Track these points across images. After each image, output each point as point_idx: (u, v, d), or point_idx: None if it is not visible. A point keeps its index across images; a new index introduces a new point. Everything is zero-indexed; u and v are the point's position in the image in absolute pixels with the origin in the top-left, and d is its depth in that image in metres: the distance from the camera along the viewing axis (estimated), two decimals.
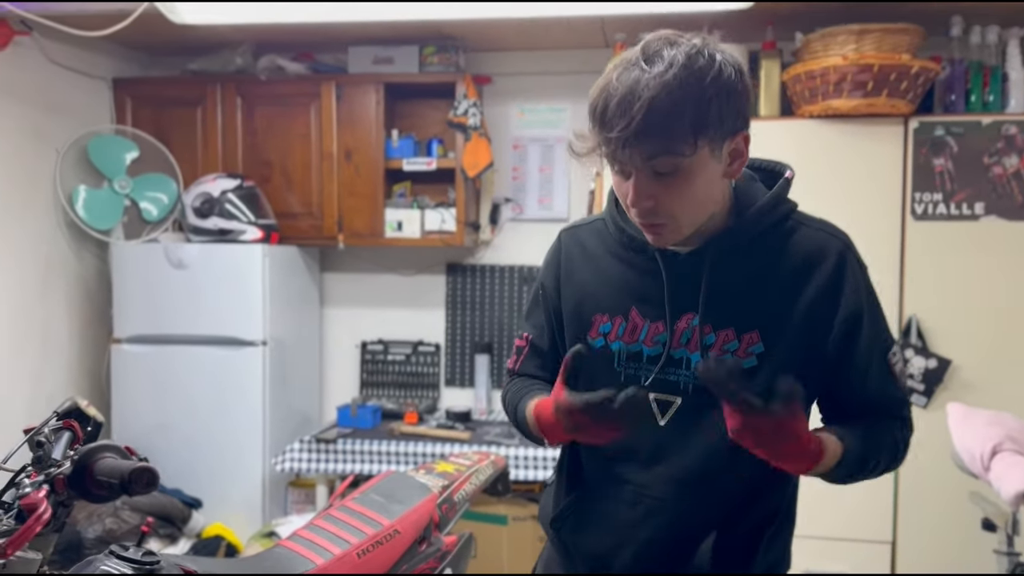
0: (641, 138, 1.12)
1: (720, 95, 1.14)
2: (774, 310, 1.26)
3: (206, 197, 3.42)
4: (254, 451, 3.38)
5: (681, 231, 1.23)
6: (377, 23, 3.27)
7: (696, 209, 1.21)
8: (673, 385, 1.31)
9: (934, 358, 2.91)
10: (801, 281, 1.26)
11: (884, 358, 1.30)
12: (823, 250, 1.27)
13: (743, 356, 1.26)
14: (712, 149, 1.16)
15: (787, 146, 3.00)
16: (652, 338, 1.31)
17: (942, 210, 2.93)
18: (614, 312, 1.35)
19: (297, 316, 3.73)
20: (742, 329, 1.26)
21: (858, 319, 1.27)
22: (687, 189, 1.17)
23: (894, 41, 2.79)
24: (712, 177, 1.19)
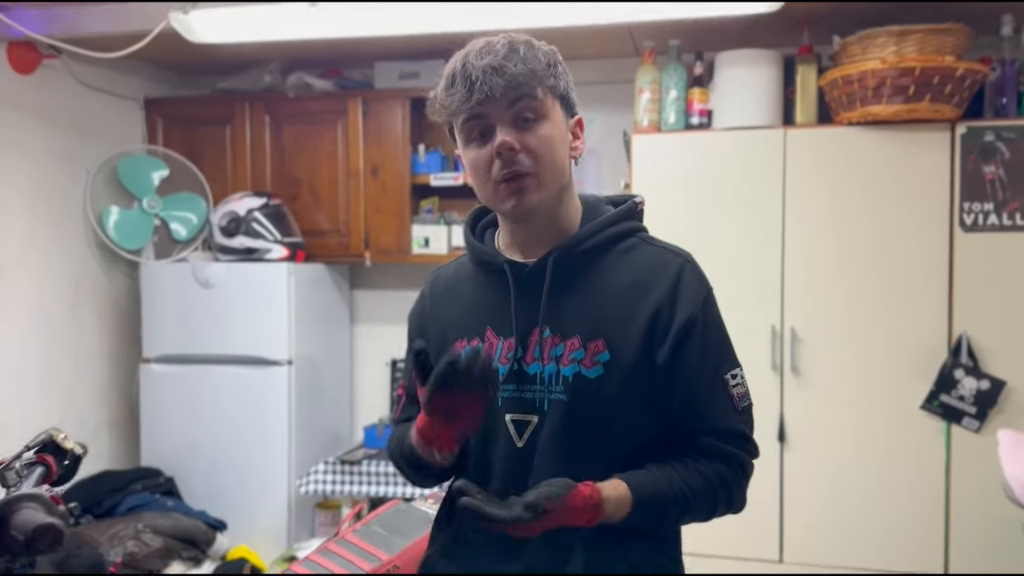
0: (505, 74, 1.18)
1: (561, 67, 1.26)
2: (617, 319, 1.25)
3: (232, 216, 3.40)
4: (280, 472, 3.34)
5: (542, 187, 1.24)
6: (402, 38, 3.21)
7: (553, 161, 1.24)
8: (529, 403, 1.28)
9: (987, 379, 2.72)
10: (642, 292, 1.26)
11: (718, 376, 1.26)
12: (664, 264, 1.28)
13: (589, 365, 1.24)
14: (565, 111, 1.27)
15: (825, 155, 2.86)
16: (506, 355, 1.29)
17: (993, 221, 2.74)
18: (471, 335, 1.33)
19: (326, 334, 3.69)
20: (587, 337, 1.25)
21: (690, 329, 1.24)
22: (547, 134, 1.23)
23: (938, 42, 2.62)
24: (564, 138, 1.27)
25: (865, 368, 2.82)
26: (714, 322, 1.28)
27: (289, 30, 2.79)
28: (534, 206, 1.24)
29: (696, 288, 1.27)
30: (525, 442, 1.27)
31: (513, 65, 1.18)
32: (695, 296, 1.26)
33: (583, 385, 1.23)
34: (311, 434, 3.51)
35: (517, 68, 1.18)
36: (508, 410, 1.28)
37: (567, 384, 1.24)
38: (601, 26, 2.97)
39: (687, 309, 1.24)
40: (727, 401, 1.25)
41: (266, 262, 3.38)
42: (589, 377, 1.23)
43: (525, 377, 1.27)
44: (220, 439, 3.38)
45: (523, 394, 1.28)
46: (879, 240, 2.82)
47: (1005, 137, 2.73)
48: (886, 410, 2.81)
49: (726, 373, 1.26)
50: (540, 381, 1.26)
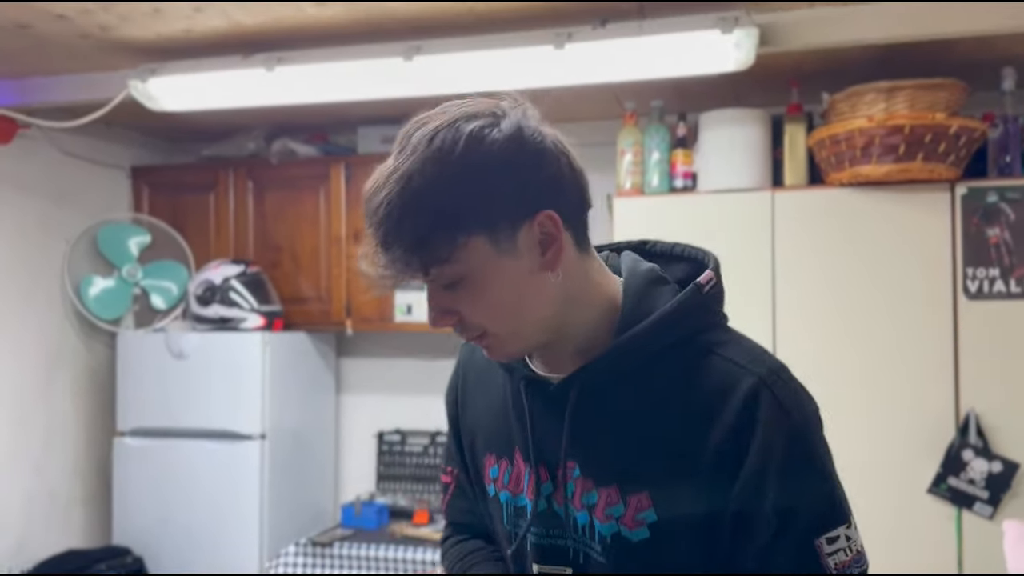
0: (399, 253, 0.89)
1: (476, 175, 0.89)
2: (666, 466, 0.95)
3: (208, 285, 3.32)
4: (250, 552, 3.18)
5: (510, 343, 0.97)
6: (385, 102, 3.14)
7: (509, 316, 0.95)
8: (562, 553, 1.02)
9: (998, 460, 2.49)
10: (702, 423, 0.93)
11: (808, 540, 0.91)
12: (735, 382, 0.93)
13: (631, 526, 0.96)
14: (495, 243, 0.91)
15: (816, 218, 2.69)
16: (533, 488, 1.03)
17: (1000, 287, 2.54)
18: (499, 453, 1.09)
19: (307, 405, 3.56)
20: (628, 489, 0.96)
21: (761, 476, 0.91)
22: (483, 298, 0.93)
23: (930, 99, 2.46)
24: (515, 277, 0.93)
25: (865, 448, 2.60)
26: (801, 468, 0.93)
27: (253, 96, 2.72)
28: (511, 357, 1.01)
29: (773, 421, 0.92)
30: None
31: (398, 245, 0.89)
32: (772, 433, 0.91)
33: (626, 550, 0.97)
34: (288, 511, 3.35)
35: (401, 249, 0.89)
36: (537, 559, 1.04)
37: (605, 545, 0.98)
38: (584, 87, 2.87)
39: (758, 453, 0.91)
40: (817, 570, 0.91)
41: (240, 331, 3.28)
42: (632, 541, 0.96)
43: (555, 519, 1.02)
44: (191, 517, 3.24)
45: (555, 540, 1.03)
46: (877, 309, 2.62)
47: (1009, 198, 2.54)
48: (890, 494, 2.57)
49: (818, 537, 0.91)
50: (575, 529, 1.01)
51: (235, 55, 2.65)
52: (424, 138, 0.90)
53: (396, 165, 0.90)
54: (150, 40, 2.59)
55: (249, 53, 2.65)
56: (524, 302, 0.95)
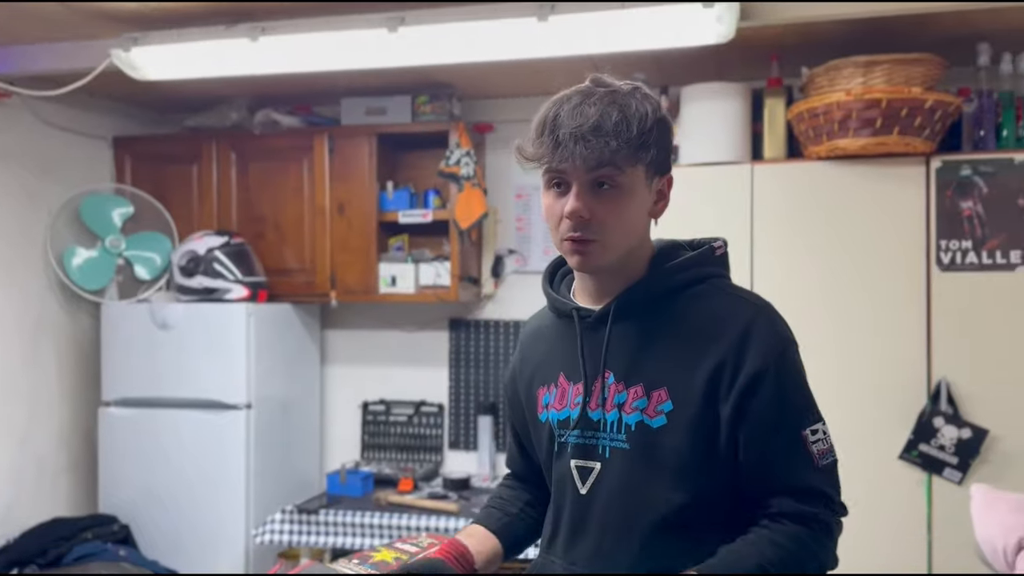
0: (590, 143, 1.15)
1: (659, 127, 1.22)
2: (682, 368, 1.22)
3: (192, 255, 3.33)
4: (237, 520, 3.22)
5: (607, 252, 1.23)
6: (369, 72, 3.15)
7: (624, 231, 1.23)
8: (592, 450, 1.28)
9: (968, 427, 2.56)
10: (709, 341, 1.22)
11: (795, 432, 1.19)
12: (735, 313, 1.24)
13: (652, 415, 1.23)
14: (647, 175, 1.22)
15: (794, 191, 2.73)
16: (574, 400, 1.30)
17: (972, 259, 2.60)
18: (547, 381, 1.36)
19: (293, 376, 3.58)
20: (651, 386, 1.23)
21: (757, 384, 1.18)
22: (621, 206, 1.20)
23: (906, 73, 2.50)
24: (642, 204, 1.24)
25: (839, 415, 2.65)
26: (790, 376, 1.21)
27: (238, 66, 2.72)
28: (596, 267, 1.25)
29: (765, 341, 1.20)
30: (588, 488, 1.28)
31: (600, 136, 1.16)
32: (766, 349, 1.20)
33: (645, 434, 1.22)
34: (274, 480, 3.39)
35: (603, 141, 1.16)
36: (574, 456, 1.29)
37: (629, 433, 1.23)
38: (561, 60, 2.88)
39: (755, 363, 1.19)
40: (806, 459, 1.19)
41: (225, 302, 3.29)
42: (652, 427, 1.22)
43: (589, 423, 1.27)
44: (178, 486, 3.27)
45: (587, 440, 1.28)
46: (853, 280, 2.68)
47: (983, 171, 2.59)
48: (863, 460, 2.64)
49: (805, 428, 1.20)
50: (603, 427, 1.26)
51: (219, 24, 2.65)
52: (628, 85, 1.22)
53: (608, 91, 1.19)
54: (133, 9, 2.58)
55: (233, 23, 2.64)
56: (635, 225, 1.25)
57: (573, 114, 1.17)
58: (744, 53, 2.86)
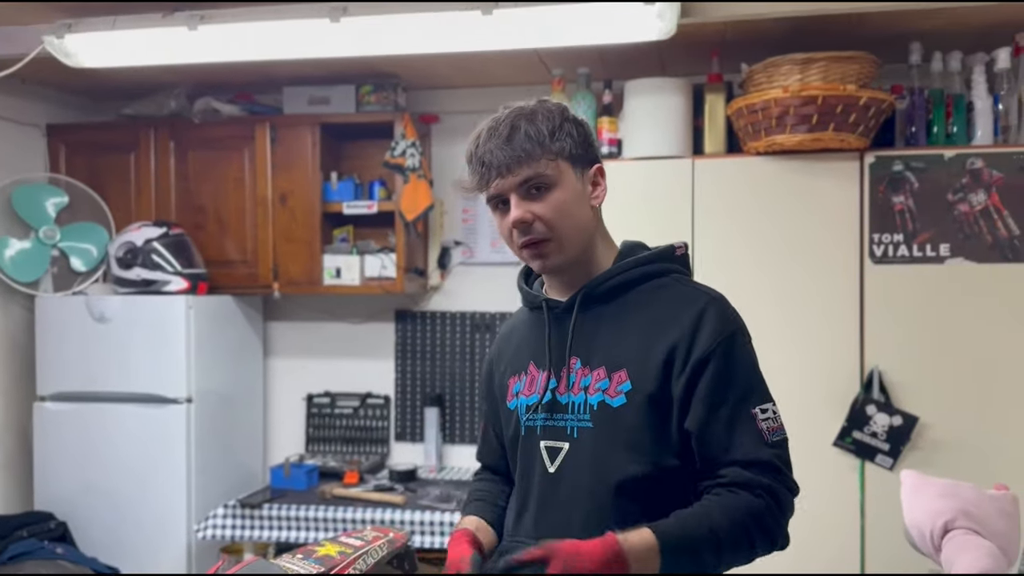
0: (507, 154, 1.29)
1: (569, 123, 1.35)
2: (640, 351, 1.32)
3: (129, 247, 3.26)
4: (178, 516, 3.18)
5: (562, 248, 1.34)
6: (312, 62, 3.11)
7: (569, 224, 1.33)
8: (560, 431, 1.37)
9: (899, 415, 2.65)
10: (665, 326, 1.32)
11: (743, 409, 1.28)
12: (689, 302, 1.34)
13: (613, 395, 1.32)
14: (573, 168, 1.34)
15: (734, 185, 2.78)
16: (543, 385, 1.40)
17: (904, 252, 2.68)
18: (518, 370, 1.47)
19: (235, 369, 3.54)
20: (612, 368, 1.33)
21: (704, 365, 1.29)
22: (558, 202, 1.31)
23: (842, 71, 2.57)
24: (578, 197, 1.35)
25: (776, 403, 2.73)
26: (737, 359, 1.31)
27: (176, 54, 2.66)
28: (557, 265, 1.36)
29: (715, 326, 1.30)
30: (556, 467, 1.37)
31: (516, 144, 1.29)
32: (714, 334, 1.30)
33: (607, 413, 1.32)
34: (216, 475, 3.35)
35: (520, 147, 1.29)
36: (543, 437, 1.39)
37: (593, 412, 1.33)
38: (507, 53, 2.89)
39: (703, 345, 1.29)
40: (755, 434, 1.27)
41: (164, 295, 3.24)
42: (612, 406, 1.32)
43: (558, 406, 1.37)
44: (116, 481, 3.21)
45: (556, 423, 1.38)
46: (790, 272, 2.74)
47: (914, 167, 2.67)
48: (798, 446, 2.68)
49: (754, 407, 1.29)
50: (572, 410, 1.36)
51: (156, 12, 2.59)
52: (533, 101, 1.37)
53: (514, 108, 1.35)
54: None
55: (171, 10, 2.59)
56: (580, 217, 1.35)
57: (488, 138, 1.32)
58: (686, 49, 2.90)
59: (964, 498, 2.03)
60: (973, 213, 2.64)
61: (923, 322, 2.66)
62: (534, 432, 1.40)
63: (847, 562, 2.69)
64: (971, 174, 2.64)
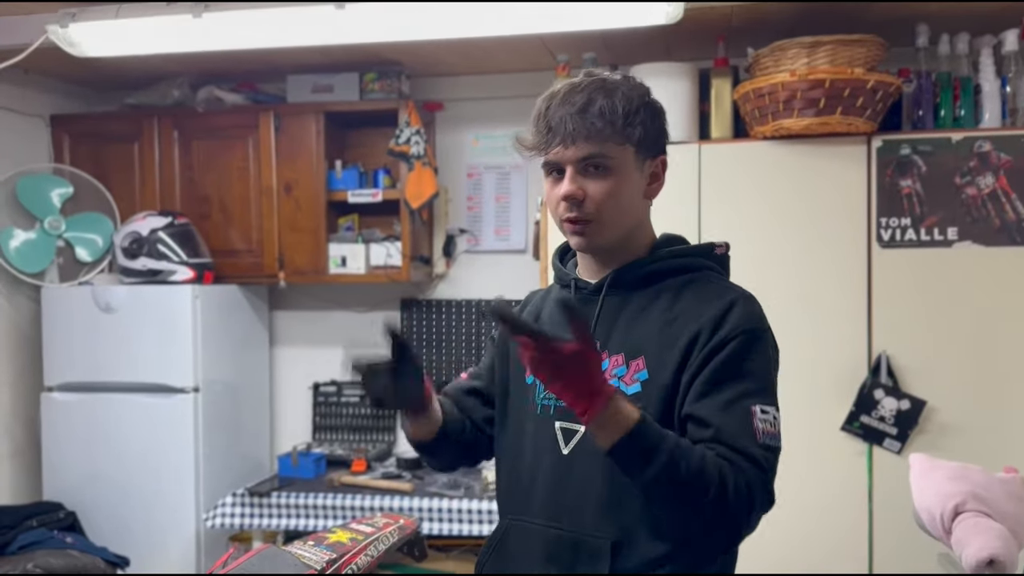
0: (579, 128, 1.24)
1: (648, 110, 1.31)
2: (662, 341, 1.29)
3: (135, 237, 3.26)
4: (187, 505, 3.19)
5: (603, 231, 1.31)
6: (316, 49, 3.10)
7: (618, 210, 1.30)
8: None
9: (907, 399, 2.64)
10: (690, 319, 1.29)
11: (742, 401, 1.22)
12: (720, 295, 1.31)
13: (629, 382, 1.30)
14: (636, 156, 1.30)
15: (740, 170, 2.77)
16: None
17: (911, 236, 2.67)
18: None
19: (241, 358, 3.54)
20: (631, 355, 1.31)
21: (718, 350, 1.25)
22: (613, 187, 1.28)
23: (849, 54, 2.55)
24: (635, 186, 1.31)
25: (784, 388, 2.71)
26: (753, 355, 1.26)
27: (180, 42, 2.66)
28: (594, 246, 1.34)
29: (739, 321, 1.26)
30: (571, 449, 1.33)
31: (588, 119, 1.25)
32: (736, 327, 1.25)
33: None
34: (224, 464, 3.36)
35: (591, 123, 1.25)
36: (558, 418, 1.35)
37: None
38: (512, 38, 2.88)
39: (722, 334, 1.25)
40: (748, 429, 1.20)
41: (170, 284, 3.24)
42: (627, 393, 1.26)
43: None
44: (125, 471, 3.22)
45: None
46: (797, 257, 2.74)
47: (921, 150, 2.66)
48: (806, 431, 2.71)
49: (753, 404, 1.22)
50: None
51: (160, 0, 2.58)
52: (618, 75, 1.32)
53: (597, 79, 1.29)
54: None
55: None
56: (629, 206, 1.32)
57: (562, 102, 1.26)
58: (692, 34, 2.89)
59: (974, 481, 2.04)
60: (981, 196, 2.63)
61: (931, 306, 2.65)
62: (549, 411, 1.37)
63: (855, 546, 2.69)
64: (979, 157, 2.63)
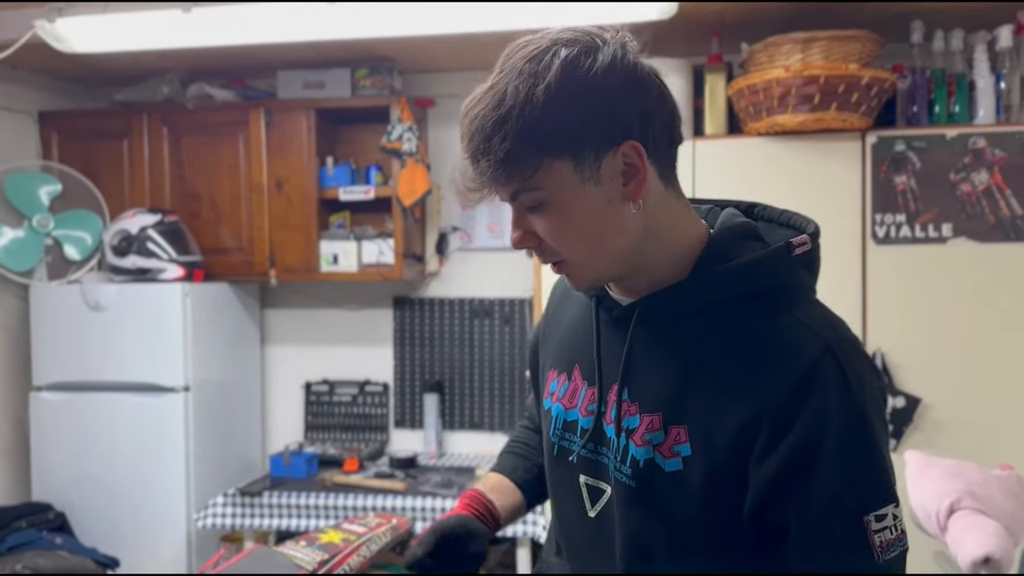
0: (486, 166, 0.93)
1: (567, 102, 0.92)
2: (711, 405, 0.95)
3: (124, 235, 3.22)
4: (177, 505, 3.16)
5: (588, 272, 1.00)
6: (306, 45, 3.07)
7: (589, 245, 0.97)
8: (604, 470, 1.06)
9: (902, 396, 2.64)
10: (753, 377, 0.93)
11: (854, 519, 0.90)
12: (794, 347, 0.93)
13: (667, 455, 0.97)
14: (579, 169, 0.93)
15: (735, 166, 2.76)
16: (587, 407, 1.09)
17: (906, 233, 2.66)
18: (561, 368, 1.16)
19: (232, 357, 3.51)
20: (671, 419, 0.97)
21: (809, 455, 0.90)
22: (563, 223, 0.96)
23: (844, 50, 2.54)
24: (596, 205, 0.95)
25: None
26: (856, 446, 0.91)
27: (169, 38, 2.63)
28: (590, 286, 1.05)
29: (832, 395, 0.90)
30: (598, 513, 1.07)
31: (485, 152, 0.92)
32: (828, 408, 0.90)
33: (656, 477, 0.98)
34: (215, 463, 3.33)
35: (489, 158, 0.92)
36: (583, 470, 1.09)
37: (637, 469, 0.99)
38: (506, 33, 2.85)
39: (809, 427, 0.90)
40: (863, 551, 0.90)
41: (160, 282, 3.21)
42: (664, 469, 0.97)
43: (602, 438, 1.05)
44: (114, 471, 3.19)
45: (599, 458, 1.06)
46: None
47: (916, 147, 2.65)
48: None
49: (867, 514, 0.90)
50: (615, 449, 1.03)
51: None
52: (522, 59, 0.94)
53: (492, 83, 0.95)
54: None
55: None
56: (603, 231, 0.97)
57: (466, 142, 0.96)
58: (685, 30, 2.87)
59: (969, 478, 2.03)
60: (975, 193, 2.63)
61: (926, 303, 2.65)
62: (567, 456, 1.10)
63: None
64: (973, 154, 2.62)
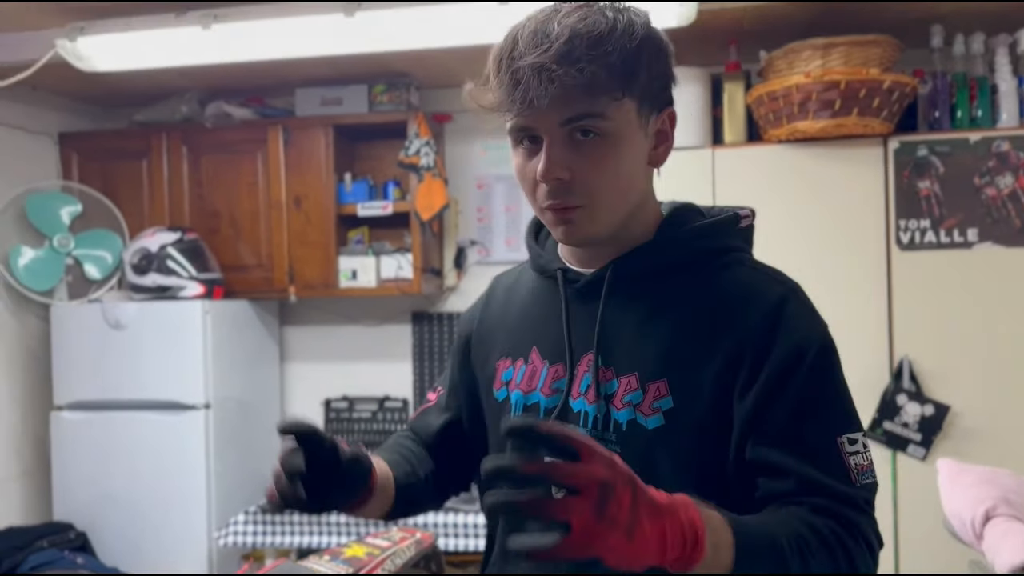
0: (558, 79, 0.89)
1: (650, 46, 0.95)
2: (688, 357, 0.97)
3: (144, 253, 3.23)
4: (198, 523, 3.15)
5: (599, 220, 0.99)
6: (323, 61, 3.09)
7: (618, 191, 0.98)
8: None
9: (930, 404, 2.60)
10: (725, 325, 0.97)
11: (829, 438, 0.93)
12: (760, 292, 0.99)
13: (648, 412, 0.98)
14: (640, 115, 0.96)
15: (755, 174, 2.74)
16: (551, 384, 1.06)
17: (931, 238, 2.63)
18: (516, 355, 1.11)
19: (252, 374, 3.51)
20: (648, 377, 0.98)
21: (785, 379, 0.94)
22: (609, 159, 0.95)
23: (864, 55, 2.53)
24: (637, 154, 0.98)
25: None
26: (825, 372, 0.96)
27: (189, 55, 2.64)
28: (586, 239, 1.02)
29: (802, 327, 0.97)
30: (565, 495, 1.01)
31: (568, 69, 0.89)
32: (800, 339, 0.95)
33: (639, 437, 0.97)
34: (236, 481, 3.32)
35: (572, 75, 0.89)
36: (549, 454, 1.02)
37: (620, 433, 0.98)
38: None
39: (781, 351, 0.94)
40: (840, 469, 0.93)
41: (180, 300, 3.21)
42: (646, 428, 0.97)
43: (569, 414, 1.03)
44: (135, 490, 3.18)
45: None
46: (815, 261, 2.69)
47: (939, 151, 2.63)
48: None
49: (840, 435, 0.94)
50: (585, 422, 1.01)
51: (168, 12, 2.57)
52: (611, 5, 0.95)
53: (577, 7, 0.93)
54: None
55: (183, 10, 2.57)
56: (632, 181, 0.99)
57: (534, 40, 0.90)
58: (702, 39, 2.86)
59: (1004, 485, 1.99)
60: (1001, 196, 2.60)
61: (952, 309, 2.61)
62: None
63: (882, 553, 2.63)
64: (997, 157, 2.60)
